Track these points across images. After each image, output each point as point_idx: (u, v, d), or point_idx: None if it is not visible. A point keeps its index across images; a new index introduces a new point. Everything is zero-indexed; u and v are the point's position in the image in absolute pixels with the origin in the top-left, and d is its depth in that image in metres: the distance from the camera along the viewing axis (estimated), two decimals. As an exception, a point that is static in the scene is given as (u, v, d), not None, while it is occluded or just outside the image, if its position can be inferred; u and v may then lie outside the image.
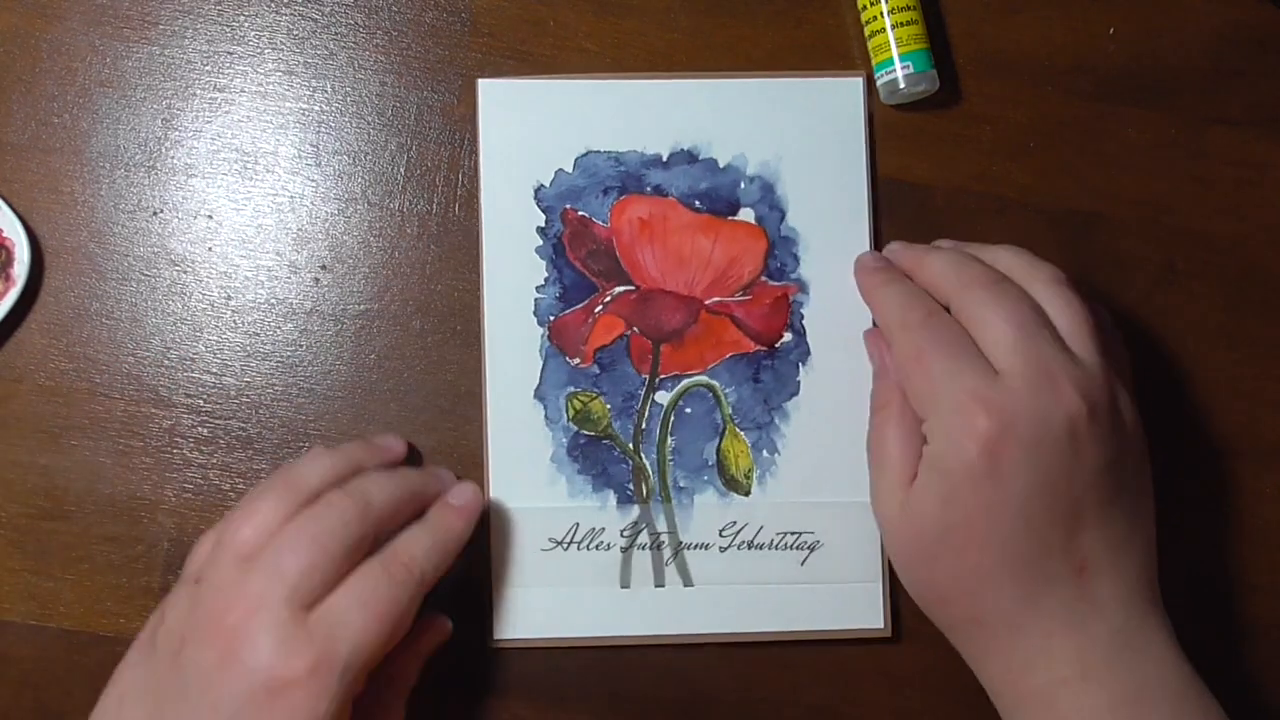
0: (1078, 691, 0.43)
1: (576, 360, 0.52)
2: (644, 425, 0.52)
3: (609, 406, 0.52)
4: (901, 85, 0.52)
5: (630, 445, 0.52)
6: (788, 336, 0.52)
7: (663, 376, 0.52)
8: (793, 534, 0.51)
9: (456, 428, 0.52)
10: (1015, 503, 0.43)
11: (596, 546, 0.51)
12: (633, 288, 0.52)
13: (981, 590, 0.44)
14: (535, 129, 0.52)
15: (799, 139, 0.53)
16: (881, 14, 0.52)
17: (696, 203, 0.52)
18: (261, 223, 0.52)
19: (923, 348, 0.45)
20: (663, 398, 0.52)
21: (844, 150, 0.53)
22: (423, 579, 0.45)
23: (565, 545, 0.51)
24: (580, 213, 0.52)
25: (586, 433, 0.51)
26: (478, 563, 0.51)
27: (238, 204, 0.52)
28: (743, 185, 0.52)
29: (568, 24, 0.53)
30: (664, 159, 0.52)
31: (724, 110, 0.53)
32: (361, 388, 0.52)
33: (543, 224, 0.52)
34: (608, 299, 0.52)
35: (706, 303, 0.52)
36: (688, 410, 0.52)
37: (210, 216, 0.52)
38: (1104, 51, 0.54)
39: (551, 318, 0.52)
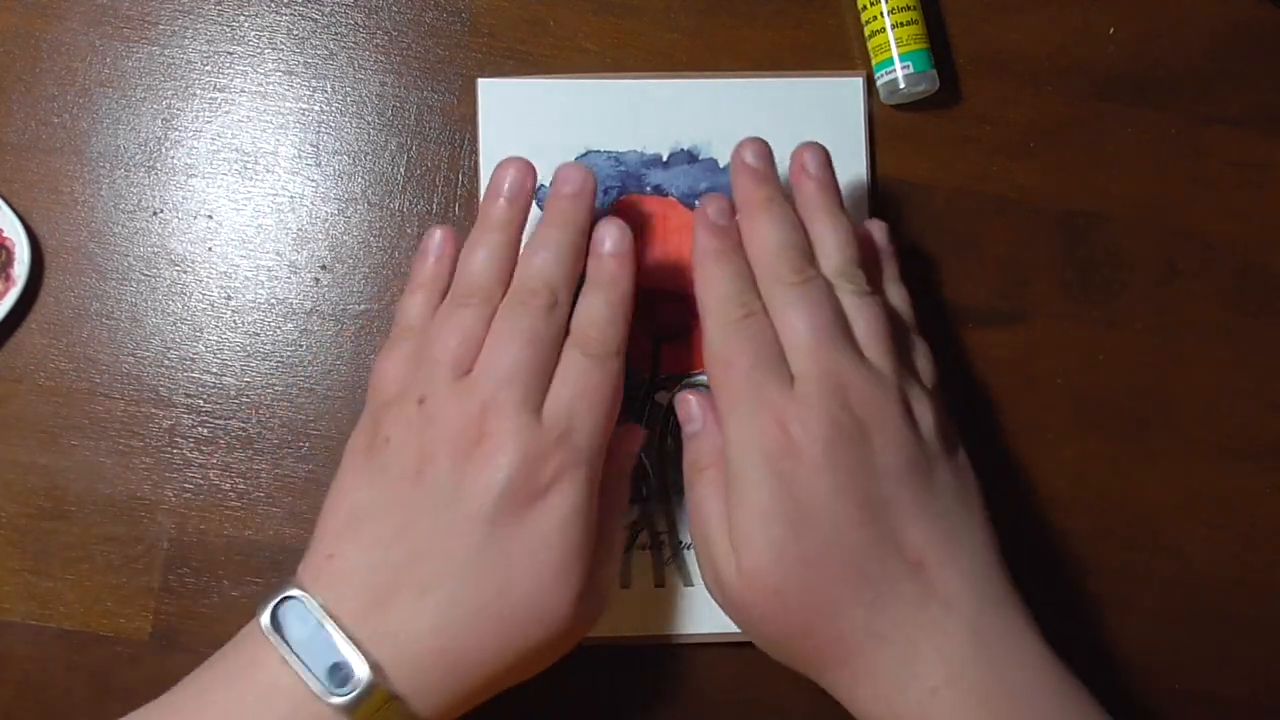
0: (948, 699, 0.42)
1: (576, 360, 0.52)
2: (644, 425, 0.52)
3: (609, 406, 0.52)
4: (901, 85, 0.52)
5: (630, 445, 0.52)
6: (788, 336, 0.52)
7: (663, 376, 0.52)
8: (793, 534, 0.51)
9: (456, 428, 0.52)
10: (825, 503, 0.43)
11: (596, 546, 0.51)
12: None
13: (836, 601, 0.43)
14: (535, 129, 0.52)
15: (799, 139, 0.53)
16: (881, 14, 0.52)
17: (696, 202, 0.52)
18: (261, 223, 0.52)
19: (731, 355, 0.45)
20: (663, 398, 0.52)
21: (844, 150, 0.53)
22: (618, 350, 0.45)
23: (565, 545, 0.51)
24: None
25: (586, 433, 0.51)
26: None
27: (238, 204, 0.52)
28: (743, 185, 0.52)
29: (568, 24, 0.53)
30: (664, 159, 0.52)
31: (724, 110, 0.53)
32: (361, 388, 0.52)
33: (543, 224, 0.52)
34: (608, 299, 0.52)
35: (706, 303, 0.52)
36: (688, 410, 0.52)
37: (210, 216, 0.52)
38: (1104, 51, 0.54)
39: (551, 318, 0.52)
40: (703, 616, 0.51)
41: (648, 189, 0.52)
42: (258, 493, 0.51)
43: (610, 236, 0.47)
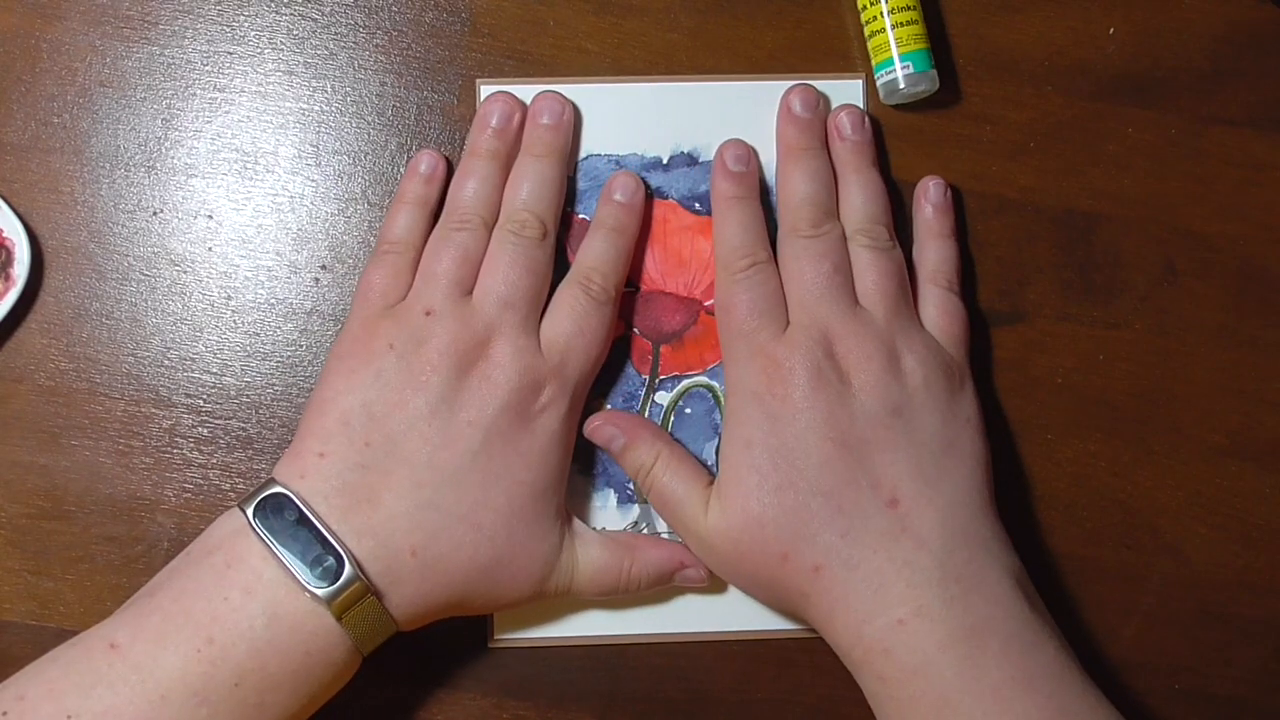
0: (912, 631, 0.44)
1: (576, 360, 0.52)
2: (644, 425, 0.52)
3: (609, 407, 0.52)
4: (901, 85, 0.52)
5: (630, 445, 0.51)
6: (788, 337, 0.52)
7: (663, 377, 0.52)
8: (792, 534, 0.51)
9: (456, 428, 0.51)
10: (803, 440, 0.46)
11: (596, 546, 0.51)
12: (633, 289, 0.52)
13: (808, 528, 0.46)
14: (536, 130, 0.52)
15: (799, 139, 0.53)
16: (881, 14, 0.52)
17: (697, 205, 0.52)
18: (261, 223, 0.52)
19: (731, 302, 0.49)
20: (663, 398, 0.52)
21: (844, 150, 0.53)
22: (617, 293, 0.49)
23: (565, 545, 0.51)
24: (581, 215, 0.52)
25: (586, 433, 0.51)
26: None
27: (238, 204, 0.52)
28: (743, 186, 0.52)
29: (568, 24, 0.53)
30: (664, 161, 0.52)
31: (724, 112, 0.52)
32: (361, 388, 0.52)
33: (543, 224, 0.52)
34: (608, 300, 0.52)
35: (706, 304, 0.52)
36: (687, 411, 0.52)
37: (210, 216, 0.52)
38: (1104, 51, 0.54)
39: (552, 318, 0.52)
40: (703, 616, 0.51)
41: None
42: (258, 493, 0.51)
43: (623, 185, 0.50)
